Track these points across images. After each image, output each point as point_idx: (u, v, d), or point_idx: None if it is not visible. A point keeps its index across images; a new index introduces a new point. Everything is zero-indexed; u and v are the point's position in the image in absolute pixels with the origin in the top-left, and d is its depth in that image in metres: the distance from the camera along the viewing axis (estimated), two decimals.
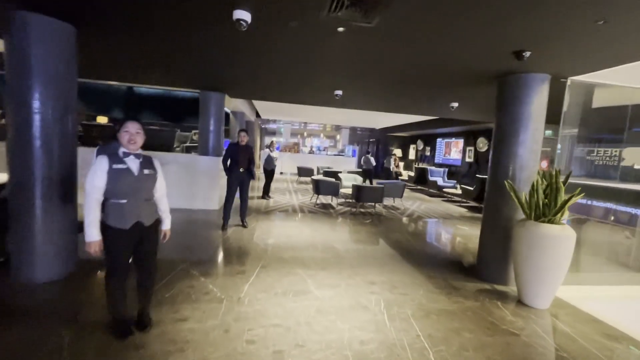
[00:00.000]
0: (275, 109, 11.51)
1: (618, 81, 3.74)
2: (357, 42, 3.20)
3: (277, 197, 8.68)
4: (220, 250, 4.28)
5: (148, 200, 2.22)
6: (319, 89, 5.42)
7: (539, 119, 3.61)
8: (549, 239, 3.07)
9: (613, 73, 3.39)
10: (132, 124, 2.15)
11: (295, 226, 5.80)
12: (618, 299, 3.66)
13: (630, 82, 3.87)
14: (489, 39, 2.79)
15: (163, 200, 2.37)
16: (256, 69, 4.58)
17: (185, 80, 5.88)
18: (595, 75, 3.52)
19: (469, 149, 11.42)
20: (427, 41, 3.02)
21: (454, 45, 3.04)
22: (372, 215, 7.23)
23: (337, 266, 3.95)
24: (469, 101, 5.52)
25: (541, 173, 3.38)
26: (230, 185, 5.25)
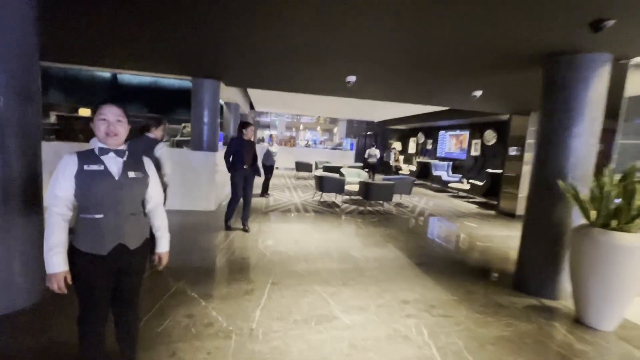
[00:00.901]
0: (271, 99, 10.80)
1: None
2: (385, 19, 2.62)
3: (276, 195, 8.07)
4: (222, 262, 3.67)
5: (135, 215, 1.60)
6: (330, 75, 4.80)
7: (598, 107, 3.08)
8: (624, 250, 2.56)
9: None
10: (110, 109, 1.52)
11: (302, 229, 5.22)
12: None
13: None
14: (555, 7, 2.23)
15: (158, 212, 1.75)
16: (258, 52, 3.93)
17: (176, 66, 5.17)
18: None
19: (474, 142, 10.96)
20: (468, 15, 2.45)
21: (503, 19, 2.47)
22: (382, 214, 6.70)
23: (360, 280, 3.40)
24: (496, 89, 4.98)
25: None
26: (235, 184, 4.64)
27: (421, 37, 3.18)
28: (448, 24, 2.79)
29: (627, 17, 2.33)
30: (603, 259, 2.64)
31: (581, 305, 2.85)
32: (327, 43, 3.49)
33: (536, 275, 3.37)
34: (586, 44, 2.88)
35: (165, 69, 5.46)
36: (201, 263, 3.59)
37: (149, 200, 1.70)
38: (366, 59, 3.98)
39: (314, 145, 17.59)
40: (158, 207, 1.75)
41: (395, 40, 3.31)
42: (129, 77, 8.47)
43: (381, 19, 2.82)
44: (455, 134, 12.19)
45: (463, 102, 6.39)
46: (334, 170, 10.58)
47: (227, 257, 3.79)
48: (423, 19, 2.72)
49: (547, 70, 3.34)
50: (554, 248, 3.25)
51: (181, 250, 3.89)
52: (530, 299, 3.26)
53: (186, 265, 3.46)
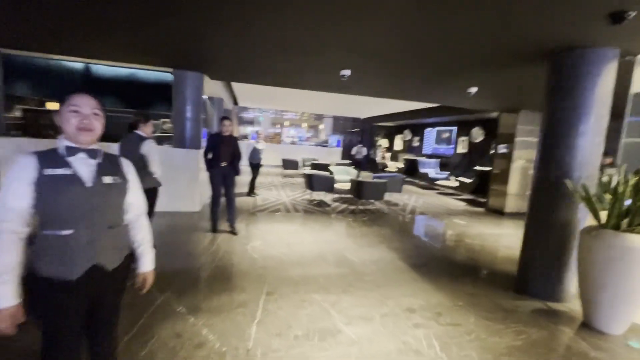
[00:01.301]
0: (256, 94, 10.44)
1: None
2: (382, 11, 2.41)
3: (263, 194, 7.76)
4: (210, 269, 3.37)
5: (113, 228, 1.31)
6: (324, 69, 4.55)
7: (605, 104, 2.99)
8: (637, 252, 2.48)
9: None
10: (84, 99, 1.23)
11: (293, 230, 4.97)
12: None
13: None
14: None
15: (139, 224, 1.47)
16: (246, 44, 3.64)
17: (157, 57, 4.78)
18: None
19: (462, 140, 11.01)
20: (472, 8, 2.28)
21: (509, 10, 2.30)
22: (373, 213, 6.54)
23: (360, 286, 3.20)
24: (491, 86, 4.88)
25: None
26: (214, 182, 4.40)
27: (421, 30, 3.01)
28: (450, 17, 2.64)
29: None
30: (616, 262, 2.54)
31: (590, 309, 2.77)
32: (321, 35, 3.26)
33: (540, 278, 3.28)
34: (596, 38, 2.78)
35: (145, 60, 5.06)
36: (187, 270, 3.28)
37: (129, 210, 1.41)
38: (361, 52, 3.76)
39: (300, 142, 17.29)
40: (140, 218, 1.46)
41: (393, 34, 3.12)
42: (103, 69, 7.90)
43: (378, 10, 2.62)
44: (442, 131, 12.23)
45: (457, 99, 6.30)
46: (321, 167, 10.36)
47: (215, 263, 3.49)
48: (424, 10, 2.54)
49: (553, 65, 3.22)
50: (559, 249, 3.16)
51: (165, 256, 3.55)
52: (535, 302, 3.16)
53: (171, 274, 3.14)
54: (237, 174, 4.53)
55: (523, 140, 7.24)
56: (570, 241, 3.12)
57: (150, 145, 3.30)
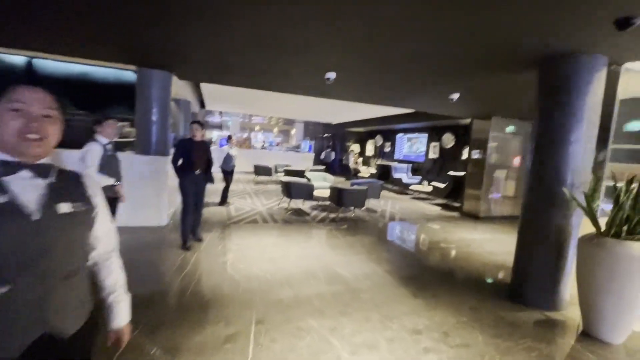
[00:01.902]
0: (225, 97, 9.90)
1: None
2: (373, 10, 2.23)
3: (237, 203, 7.27)
4: (186, 295, 2.92)
5: (71, 278, 0.92)
6: (308, 71, 4.27)
7: (596, 111, 3.01)
8: (637, 260, 2.46)
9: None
10: (32, 94, 0.87)
11: (274, 243, 4.60)
12: None
13: None
14: (573, 3, 2.02)
15: (111, 263, 1.10)
16: (221, 40, 3.27)
17: (117, 52, 4.22)
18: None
19: (433, 145, 11.25)
20: (463, 13, 2.16)
21: (502, 15, 2.21)
22: (354, 221, 6.34)
23: (358, 307, 2.93)
24: (475, 92, 4.89)
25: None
26: (185, 191, 4.01)
27: (410, 35, 2.88)
28: (440, 22, 2.52)
29: None
30: (618, 270, 2.51)
31: (591, 318, 2.72)
32: (306, 33, 2.98)
33: (536, 286, 3.22)
34: (587, 45, 2.78)
35: (103, 55, 4.46)
36: (159, 299, 2.81)
37: (96, 246, 1.03)
38: (348, 54, 3.55)
39: (270, 147, 16.82)
40: (111, 256, 1.09)
41: (380, 36, 2.95)
42: (51, 65, 7.01)
43: (366, 12, 2.43)
44: (413, 137, 12.44)
45: (437, 105, 6.31)
46: (296, 173, 10.04)
47: (192, 288, 3.04)
48: (413, 15, 2.39)
49: (545, 71, 3.21)
50: (554, 257, 3.12)
51: (130, 282, 3.03)
52: (534, 312, 3.09)
53: (139, 304, 2.65)
54: (210, 182, 4.25)
55: (495, 146, 7.46)
56: (565, 249, 3.10)
57: (87, 146, 2.83)
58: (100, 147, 2.91)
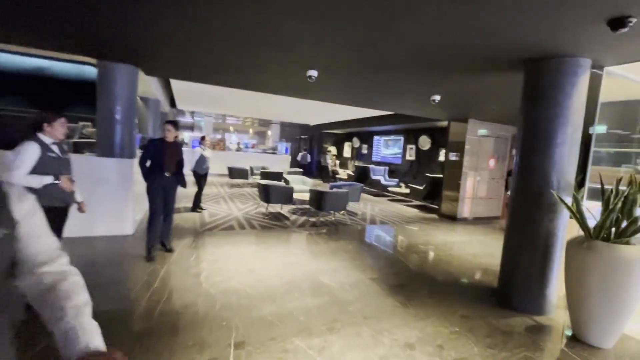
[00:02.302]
0: (198, 96, 9.42)
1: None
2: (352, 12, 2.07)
3: (211, 208, 6.87)
4: (154, 316, 2.58)
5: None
6: (288, 68, 4.03)
7: (580, 114, 3.02)
8: (629, 263, 2.44)
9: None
10: None
11: (253, 252, 4.31)
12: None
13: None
14: (565, 3, 1.96)
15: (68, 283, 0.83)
16: (195, 30, 2.97)
17: (75, 43, 3.76)
18: (628, 67, 3.09)
19: (409, 147, 11.34)
20: (448, 13, 2.05)
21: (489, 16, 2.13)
22: (335, 225, 6.16)
23: (347, 320, 2.72)
24: (456, 94, 4.87)
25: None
26: (153, 196, 3.70)
27: (393, 36, 2.75)
28: (426, 22, 2.40)
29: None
30: (609, 274, 2.48)
31: (581, 322, 2.69)
32: (288, 27, 2.76)
33: (523, 291, 3.18)
34: (573, 48, 2.76)
35: (59, 45, 3.97)
36: (122, 322, 2.46)
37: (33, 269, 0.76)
38: (331, 51, 3.36)
39: (246, 148, 16.31)
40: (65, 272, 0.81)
41: (364, 35, 2.79)
42: (3, 58, 6.32)
43: (348, 11, 2.27)
44: (390, 139, 12.50)
45: (418, 107, 6.28)
46: (274, 176, 9.74)
47: (161, 307, 2.71)
48: (396, 14, 2.26)
49: (530, 74, 3.18)
50: (541, 261, 3.09)
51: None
52: (523, 318, 3.04)
53: (102, 327, 2.30)
54: (182, 186, 3.94)
55: (472, 148, 7.58)
56: (552, 252, 3.07)
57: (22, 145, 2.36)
58: (38, 147, 2.41)
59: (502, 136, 8.09)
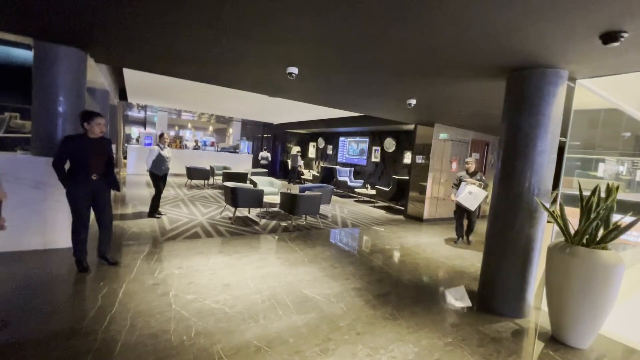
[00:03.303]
0: (154, 89, 8.60)
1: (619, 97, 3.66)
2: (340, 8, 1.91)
3: (170, 213, 6.25)
4: (116, 353, 2.14)
5: None
6: (267, 63, 3.71)
7: (558, 123, 3.14)
8: (608, 268, 2.55)
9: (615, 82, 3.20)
10: None
11: (225, 263, 3.92)
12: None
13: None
14: (559, 16, 1.98)
15: None
16: (159, 10, 2.56)
17: (5, 16, 3.08)
18: (597, 81, 3.28)
19: (374, 149, 11.49)
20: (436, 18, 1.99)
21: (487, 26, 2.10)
22: (308, 229, 5.94)
23: (339, 339, 2.52)
24: (430, 99, 4.91)
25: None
26: (77, 204, 3.18)
27: (382, 36, 2.63)
28: (418, 27, 2.31)
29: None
30: (593, 278, 2.58)
31: (560, 324, 2.78)
32: (270, 19, 2.49)
33: (504, 294, 3.24)
34: (554, 59, 2.84)
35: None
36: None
37: None
38: (312, 49, 3.14)
39: (204, 146, 15.37)
40: None
41: (353, 36, 2.61)
42: None
43: (343, 7, 2.12)
44: (355, 140, 12.57)
45: (391, 110, 6.28)
46: (238, 177, 9.23)
47: (124, 340, 2.27)
48: (383, 16, 2.16)
49: (512, 83, 3.25)
50: (522, 265, 3.17)
51: (22, 339, 2.12)
52: (507, 321, 3.09)
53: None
54: (115, 190, 3.52)
55: (437, 151, 7.82)
56: (532, 256, 3.16)
57: None
58: None
59: (463, 140, 8.48)
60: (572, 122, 3.34)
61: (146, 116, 15.12)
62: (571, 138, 3.47)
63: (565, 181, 3.49)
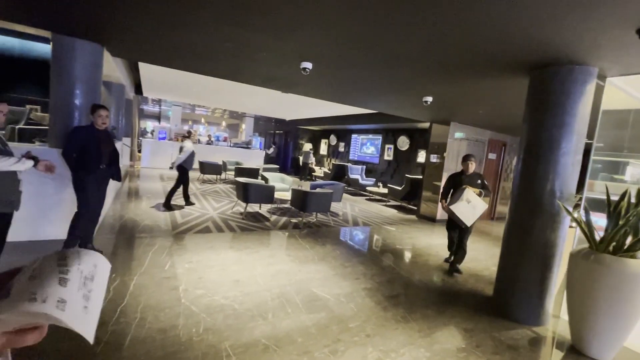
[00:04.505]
0: (168, 84, 8.69)
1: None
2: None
3: (182, 207, 6.31)
4: (125, 348, 2.15)
5: None
6: (282, 57, 3.66)
7: (585, 123, 2.98)
8: (637, 277, 2.40)
9: None
10: None
11: (235, 259, 3.92)
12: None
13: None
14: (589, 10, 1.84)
15: None
16: (174, 6, 2.53)
17: (22, 11, 3.12)
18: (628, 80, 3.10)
19: (388, 147, 11.33)
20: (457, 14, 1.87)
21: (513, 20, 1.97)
22: (319, 227, 5.90)
23: (349, 340, 2.47)
24: (447, 97, 4.77)
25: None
26: (88, 192, 3.26)
27: (399, 32, 2.54)
28: (436, 22, 2.20)
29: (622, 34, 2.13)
30: (617, 287, 2.44)
31: (582, 334, 2.65)
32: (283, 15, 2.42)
33: (522, 301, 3.12)
34: (583, 56, 2.69)
35: (3, 13, 3.28)
36: (84, 354, 2.01)
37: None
38: (326, 44, 3.06)
39: (217, 141, 15.50)
40: None
41: (367, 31, 2.53)
42: None
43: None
44: (368, 138, 12.43)
45: (407, 107, 6.15)
46: (250, 173, 9.24)
47: (134, 333, 2.27)
48: (406, 11, 2.05)
49: (536, 80, 3.10)
50: (541, 271, 3.04)
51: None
52: (524, 329, 2.97)
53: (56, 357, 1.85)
54: (117, 180, 3.59)
55: (452, 151, 7.63)
56: (552, 263, 3.03)
57: None
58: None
59: (480, 140, 8.25)
60: (599, 123, 3.16)
61: (161, 110, 15.34)
62: (598, 140, 3.30)
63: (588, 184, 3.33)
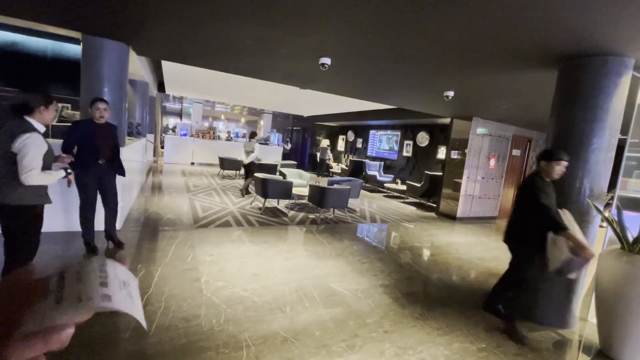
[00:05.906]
0: (190, 81, 8.88)
1: None
2: None
3: (204, 201, 6.48)
4: (152, 332, 2.25)
5: None
6: (300, 53, 3.67)
7: (619, 118, 2.82)
8: None
9: None
10: None
11: (254, 253, 3.99)
12: None
13: None
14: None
15: None
16: (198, 5, 2.58)
17: (56, 14, 3.28)
18: None
19: (406, 143, 11.15)
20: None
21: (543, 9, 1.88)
22: (336, 223, 5.91)
23: (366, 336, 2.48)
24: (470, 91, 4.63)
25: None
26: (85, 187, 3.25)
27: (419, 26, 2.46)
28: (455, 15, 2.10)
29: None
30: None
31: (611, 338, 2.54)
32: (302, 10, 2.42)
33: (547, 303, 3.02)
34: (618, 45, 2.54)
35: (37, 15, 3.47)
36: (113, 339, 2.12)
37: None
38: (344, 39, 3.03)
39: (236, 138, 15.76)
40: None
41: (388, 24, 2.47)
42: None
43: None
44: (387, 134, 12.29)
45: (427, 102, 6.03)
46: (268, 169, 9.35)
47: (159, 321, 2.38)
48: (426, 5, 1.97)
49: (566, 72, 2.96)
50: None
51: None
52: (548, 332, 2.88)
53: (86, 350, 1.96)
54: (121, 174, 3.50)
55: (474, 147, 7.43)
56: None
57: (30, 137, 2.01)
58: (42, 138, 2.12)
59: (503, 136, 7.98)
60: (635, 118, 2.99)
61: (182, 107, 15.74)
62: (632, 135, 3.12)
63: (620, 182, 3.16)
